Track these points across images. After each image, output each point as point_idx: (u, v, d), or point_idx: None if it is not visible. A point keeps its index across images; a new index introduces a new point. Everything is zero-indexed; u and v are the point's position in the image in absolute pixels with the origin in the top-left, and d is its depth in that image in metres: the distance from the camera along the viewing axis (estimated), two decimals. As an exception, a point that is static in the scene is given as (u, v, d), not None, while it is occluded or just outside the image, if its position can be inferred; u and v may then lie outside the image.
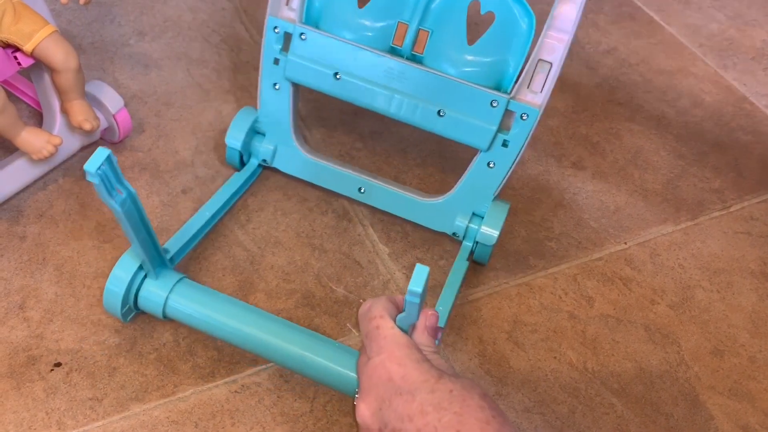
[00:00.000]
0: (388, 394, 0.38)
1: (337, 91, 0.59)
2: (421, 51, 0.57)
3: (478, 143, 0.57)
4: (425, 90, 0.57)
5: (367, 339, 0.41)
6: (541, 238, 0.66)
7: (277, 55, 0.60)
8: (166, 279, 0.51)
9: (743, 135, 0.81)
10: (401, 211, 0.63)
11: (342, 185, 0.64)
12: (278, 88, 0.61)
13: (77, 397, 0.50)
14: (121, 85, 0.74)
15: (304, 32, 0.58)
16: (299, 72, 0.59)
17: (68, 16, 0.81)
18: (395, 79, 0.57)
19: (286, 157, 0.65)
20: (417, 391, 0.37)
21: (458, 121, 0.57)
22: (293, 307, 0.57)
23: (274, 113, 0.63)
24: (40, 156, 0.58)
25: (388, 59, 0.57)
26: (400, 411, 0.37)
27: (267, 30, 0.59)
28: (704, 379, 0.57)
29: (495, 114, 0.56)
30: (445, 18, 0.56)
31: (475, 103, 0.56)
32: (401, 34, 0.57)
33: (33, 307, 0.55)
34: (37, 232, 0.60)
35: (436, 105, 0.57)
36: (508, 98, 0.55)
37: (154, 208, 0.63)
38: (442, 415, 0.36)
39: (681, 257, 0.67)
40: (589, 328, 0.59)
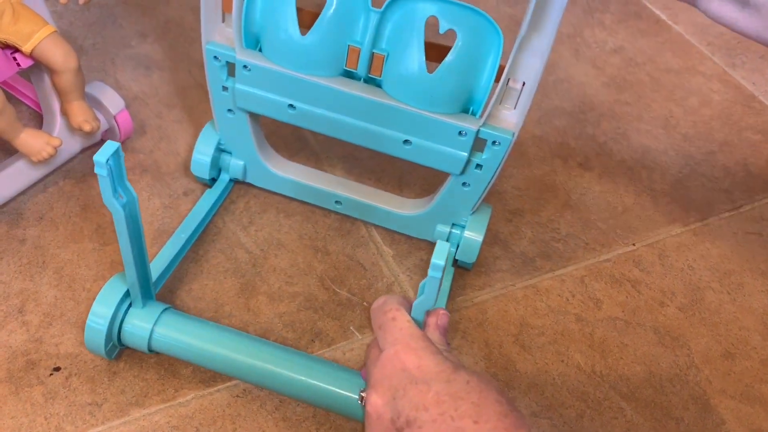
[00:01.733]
0: (402, 383, 0.37)
1: (296, 121, 0.54)
2: (379, 74, 0.50)
3: (449, 170, 0.54)
4: (387, 120, 0.52)
5: (381, 331, 0.40)
6: (548, 239, 0.65)
7: (224, 83, 0.55)
8: (151, 309, 0.49)
9: (752, 134, 0.80)
10: (380, 221, 0.62)
11: (318, 199, 0.62)
12: (233, 113, 0.57)
13: (77, 401, 0.50)
14: (122, 86, 0.73)
15: (247, 64, 0.52)
16: (250, 102, 0.55)
17: (69, 17, 0.81)
18: (355, 110, 0.52)
19: (257, 173, 0.62)
20: (432, 381, 0.36)
21: (427, 149, 0.53)
22: (296, 310, 0.57)
23: (235, 136, 0.59)
24: (39, 158, 0.57)
25: (344, 91, 0.51)
26: (415, 400, 0.36)
27: (207, 58, 0.54)
28: (715, 383, 0.56)
29: (464, 142, 0.51)
30: (401, 39, 0.48)
31: (442, 133, 0.51)
32: (354, 59, 0.50)
33: (32, 310, 0.54)
34: (36, 234, 0.59)
35: (401, 134, 0.52)
36: (477, 128, 0.50)
37: (155, 210, 0.62)
38: (458, 405, 0.35)
39: (690, 258, 0.66)
40: (597, 331, 0.58)
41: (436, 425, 0.35)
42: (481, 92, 0.50)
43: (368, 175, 0.68)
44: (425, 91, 0.49)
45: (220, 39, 0.53)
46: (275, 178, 0.62)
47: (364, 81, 0.52)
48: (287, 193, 0.63)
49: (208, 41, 0.53)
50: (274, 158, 0.62)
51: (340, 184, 0.62)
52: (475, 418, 0.34)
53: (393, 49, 0.49)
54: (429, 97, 0.50)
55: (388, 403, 0.37)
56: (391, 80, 0.50)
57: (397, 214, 0.60)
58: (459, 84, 0.49)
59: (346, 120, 0.53)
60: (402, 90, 0.50)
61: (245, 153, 0.61)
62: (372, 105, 0.51)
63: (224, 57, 0.53)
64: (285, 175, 0.61)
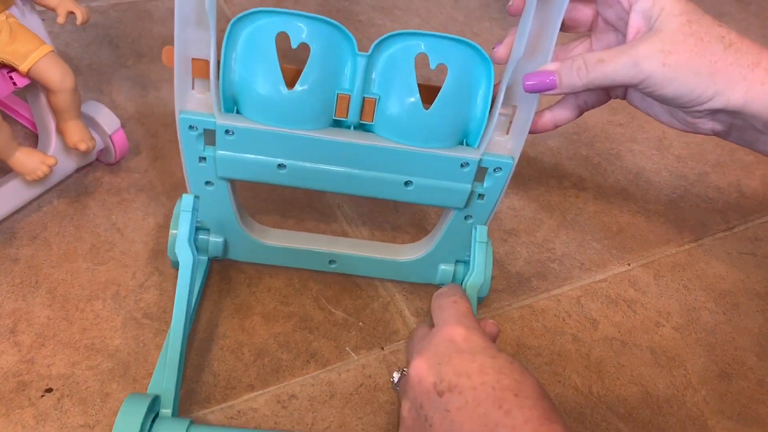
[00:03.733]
0: (449, 351, 0.38)
1: (285, 180, 0.51)
2: (370, 119, 0.48)
3: (453, 204, 0.53)
4: (386, 164, 0.50)
5: (439, 310, 0.43)
6: (544, 259, 0.65)
7: (201, 153, 0.50)
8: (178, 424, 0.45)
9: (744, 155, 0.81)
10: (381, 274, 0.60)
11: (310, 262, 0.59)
12: (211, 185, 0.53)
13: (68, 423, 0.49)
14: (118, 106, 0.73)
15: (230, 128, 0.48)
16: (234, 169, 0.50)
17: (66, 38, 0.81)
18: (350, 159, 0.49)
19: (240, 247, 0.58)
20: (478, 354, 0.38)
21: (428, 188, 0.51)
22: (291, 330, 0.56)
23: (214, 210, 0.55)
24: (34, 177, 0.57)
25: (339, 141, 0.48)
26: (459, 367, 0.37)
27: (180, 128, 0.49)
28: (712, 404, 0.56)
29: (467, 174, 0.50)
30: (392, 79, 0.47)
31: (444, 167, 0.50)
32: (343, 107, 0.47)
33: (24, 330, 0.53)
34: (30, 254, 0.59)
35: (401, 176, 0.50)
36: (479, 157, 0.49)
37: (150, 230, 0.62)
38: (500, 378, 0.36)
39: (685, 278, 0.66)
40: (593, 351, 0.58)
41: (476, 392, 0.36)
42: (476, 122, 0.49)
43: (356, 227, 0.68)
44: (422, 127, 0.48)
45: (192, 106, 0.49)
46: (261, 248, 0.58)
47: (355, 128, 0.50)
48: (275, 263, 0.59)
49: (180, 110, 0.48)
50: (257, 227, 0.59)
51: (332, 243, 0.59)
52: (516, 391, 0.35)
53: (384, 92, 0.47)
54: (426, 133, 0.48)
55: (432, 368, 0.38)
56: (384, 123, 0.48)
57: (398, 262, 0.58)
58: (455, 117, 0.48)
59: (342, 171, 0.50)
60: (397, 130, 0.49)
61: (226, 226, 0.56)
62: (369, 150, 0.49)
63: (201, 125, 0.48)
64: (271, 243, 0.57)
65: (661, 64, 0.42)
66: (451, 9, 0.99)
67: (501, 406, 0.35)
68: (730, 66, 0.43)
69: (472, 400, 0.36)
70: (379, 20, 0.95)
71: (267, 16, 0.45)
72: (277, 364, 0.54)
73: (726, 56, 0.43)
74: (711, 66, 0.42)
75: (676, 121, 0.50)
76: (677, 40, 0.42)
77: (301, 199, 0.67)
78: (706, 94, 0.43)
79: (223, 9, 0.90)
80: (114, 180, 0.66)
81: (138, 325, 0.55)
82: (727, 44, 0.43)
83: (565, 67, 0.45)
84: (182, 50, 0.46)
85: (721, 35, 0.43)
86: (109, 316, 0.55)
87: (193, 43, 0.46)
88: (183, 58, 0.47)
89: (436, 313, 0.43)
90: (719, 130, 0.49)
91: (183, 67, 0.47)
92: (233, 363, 0.53)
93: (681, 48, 0.42)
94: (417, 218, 0.67)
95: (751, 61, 0.43)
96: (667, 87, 0.43)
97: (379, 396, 0.53)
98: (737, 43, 0.43)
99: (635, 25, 0.45)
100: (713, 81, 0.43)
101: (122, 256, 0.59)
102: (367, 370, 0.54)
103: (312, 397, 0.52)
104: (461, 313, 0.42)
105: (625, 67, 0.43)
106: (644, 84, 0.44)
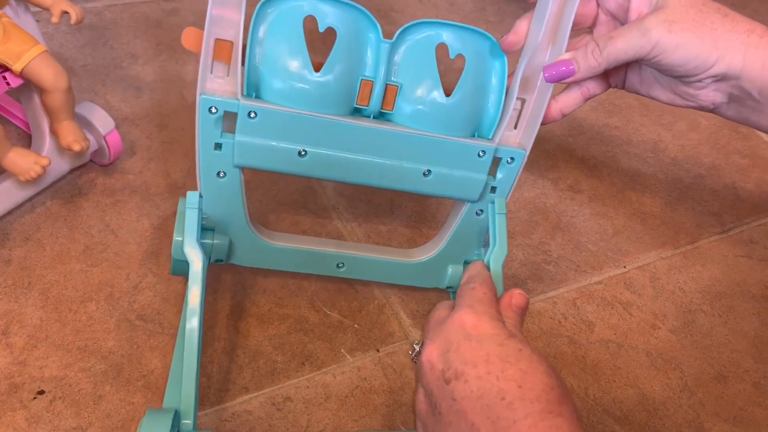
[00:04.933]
0: (457, 338, 0.39)
1: (304, 169, 0.50)
2: (391, 108, 0.49)
3: (468, 196, 0.53)
4: (407, 152, 0.50)
5: (458, 296, 0.44)
6: (539, 261, 0.65)
7: (217, 139, 0.48)
8: None
9: (740, 158, 0.81)
10: (389, 278, 0.58)
11: (318, 266, 0.57)
12: (223, 176, 0.51)
13: (61, 426, 0.48)
14: (112, 107, 0.73)
15: (254, 110, 0.47)
16: (252, 156, 0.49)
17: (60, 38, 0.80)
18: (372, 146, 0.50)
19: (245, 249, 0.55)
20: (485, 341, 0.38)
21: (446, 178, 0.52)
22: (286, 333, 0.56)
23: (222, 205, 0.53)
24: (27, 177, 0.56)
25: (362, 125, 0.49)
26: (465, 355, 0.37)
27: (200, 111, 0.47)
28: (708, 406, 0.56)
29: (483, 164, 0.51)
30: (414, 68, 0.48)
31: (462, 156, 0.51)
32: (366, 94, 0.48)
33: (17, 332, 0.53)
34: (23, 255, 0.58)
35: (421, 165, 0.51)
36: (495, 146, 0.51)
37: (144, 232, 0.61)
38: (506, 368, 0.36)
39: (681, 281, 0.66)
40: (589, 354, 0.58)
41: (481, 382, 0.36)
42: (490, 114, 0.51)
43: (352, 229, 0.68)
44: (442, 115, 0.49)
45: (212, 88, 0.48)
46: (266, 250, 0.55)
47: (374, 118, 0.50)
48: (280, 267, 0.57)
49: (201, 92, 0.47)
50: (263, 230, 0.56)
51: (340, 246, 0.57)
52: (520, 382, 0.35)
53: (406, 80, 0.48)
54: (445, 122, 0.50)
55: (442, 355, 0.38)
56: (404, 112, 0.49)
57: (408, 264, 0.57)
58: (472, 105, 0.50)
59: (362, 159, 0.50)
60: (417, 119, 0.49)
61: (233, 225, 0.54)
62: (390, 137, 0.49)
63: (222, 106, 0.47)
64: (280, 244, 0.55)
65: (668, 31, 0.46)
66: (447, 12, 0.99)
67: (504, 398, 0.35)
68: (728, 32, 0.47)
69: (477, 390, 0.36)
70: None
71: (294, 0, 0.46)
72: (271, 366, 0.53)
73: (724, 23, 0.47)
74: (712, 32, 0.46)
75: (677, 98, 0.52)
76: (680, 12, 0.46)
77: (297, 200, 0.67)
78: (710, 58, 0.47)
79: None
80: (108, 181, 0.65)
81: (132, 327, 0.54)
82: (723, 14, 0.47)
83: (579, 53, 0.48)
84: (209, 31, 0.46)
85: (717, 7, 0.48)
86: (102, 318, 0.55)
87: (218, 23, 0.46)
88: (211, 39, 0.47)
89: (457, 300, 0.44)
90: (719, 102, 0.51)
91: (210, 48, 0.47)
92: (227, 365, 0.53)
93: (684, 17, 0.46)
94: (412, 220, 0.67)
95: (746, 27, 0.47)
96: (674, 53, 0.46)
97: (374, 398, 0.52)
98: (732, 14, 0.48)
99: (637, 9, 0.49)
100: (715, 46, 0.46)
101: (116, 258, 0.59)
102: (362, 372, 0.54)
103: (307, 400, 0.52)
104: (476, 299, 0.42)
105: (634, 38, 0.47)
106: (653, 52, 0.47)
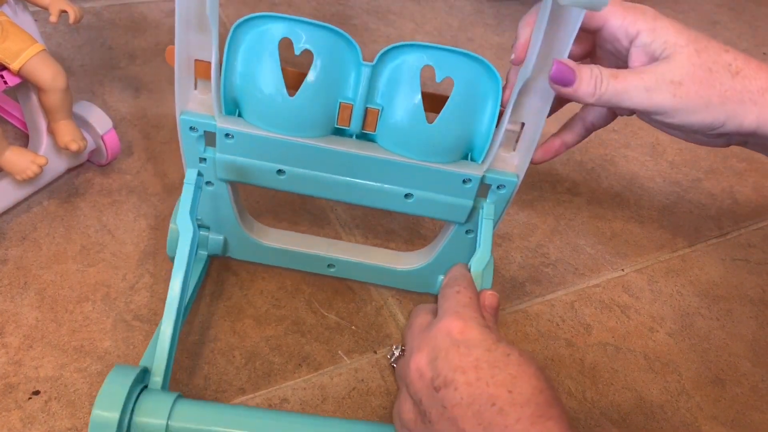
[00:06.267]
0: (445, 345, 0.38)
1: (286, 186, 0.50)
2: (373, 129, 0.47)
3: (455, 219, 0.52)
4: (386, 176, 0.49)
5: (442, 300, 0.43)
6: (537, 264, 0.65)
7: (201, 154, 0.50)
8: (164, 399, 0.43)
9: (737, 162, 0.81)
10: (379, 281, 0.59)
11: (310, 264, 0.58)
12: (212, 185, 0.52)
13: (56, 426, 0.48)
14: (110, 107, 0.73)
15: (230, 132, 0.47)
16: (233, 172, 0.50)
17: (58, 38, 0.80)
18: (351, 168, 0.49)
19: (240, 246, 0.57)
20: (474, 347, 0.37)
21: (429, 202, 0.50)
22: (283, 334, 0.56)
23: (213, 211, 0.54)
24: (24, 176, 0.56)
25: (338, 150, 0.47)
26: (454, 362, 0.37)
27: (181, 129, 0.48)
28: (706, 410, 0.56)
29: (469, 190, 0.49)
30: (396, 92, 0.45)
31: (446, 183, 0.49)
32: (345, 116, 0.46)
33: (12, 332, 0.53)
34: (19, 255, 0.58)
35: (401, 189, 0.50)
36: (482, 174, 0.48)
37: (141, 232, 0.61)
38: (495, 373, 0.36)
39: (679, 284, 0.66)
40: (587, 357, 0.58)
41: (471, 389, 0.36)
42: (482, 137, 0.48)
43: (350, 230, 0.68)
44: (425, 142, 0.47)
45: (193, 107, 0.48)
46: (260, 249, 0.57)
47: (357, 137, 0.48)
48: (274, 263, 0.59)
49: (181, 111, 0.48)
50: (258, 228, 0.58)
51: (331, 246, 0.58)
52: (510, 387, 0.35)
53: (388, 103, 0.46)
54: (429, 148, 0.47)
55: (430, 363, 0.38)
56: (387, 134, 0.47)
57: (397, 271, 0.58)
58: (460, 132, 0.47)
59: (341, 180, 0.49)
60: (399, 143, 0.47)
61: (226, 226, 0.56)
62: (369, 161, 0.48)
63: (202, 126, 0.48)
64: (271, 244, 0.57)
65: (672, 96, 0.43)
66: (446, 14, 0.99)
67: (494, 403, 0.35)
68: (739, 93, 0.43)
69: (467, 397, 0.36)
70: (373, 24, 0.94)
71: (270, 21, 0.44)
72: (268, 367, 0.53)
73: (734, 84, 0.43)
74: (721, 95, 0.43)
75: (688, 137, 0.50)
76: (686, 70, 0.43)
77: (295, 201, 0.67)
78: (717, 120, 0.44)
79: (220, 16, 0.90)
80: (105, 181, 0.65)
81: (128, 327, 0.54)
82: (734, 72, 0.44)
83: (584, 71, 0.43)
84: (184, 52, 0.45)
85: (728, 63, 0.44)
86: (98, 318, 0.54)
87: (195, 45, 0.45)
88: (185, 59, 0.46)
89: (440, 303, 0.43)
90: (735, 143, 0.50)
91: (184, 68, 0.46)
92: (224, 366, 0.53)
93: (691, 78, 0.43)
94: (410, 222, 0.67)
95: (760, 86, 0.44)
96: (676, 117, 0.44)
97: (371, 400, 0.52)
98: (744, 69, 0.44)
99: (637, 60, 0.45)
100: (724, 109, 0.44)
101: (113, 258, 0.59)
102: (359, 374, 0.54)
103: (304, 401, 0.52)
104: (461, 304, 0.41)
105: (636, 89, 0.43)
106: (654, 113, 0.44)
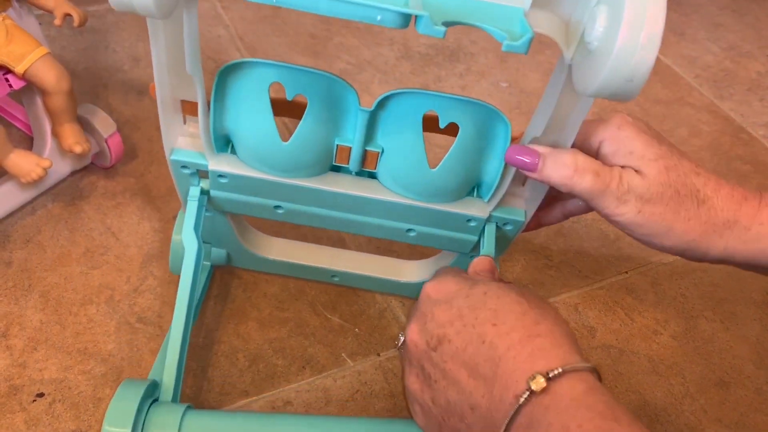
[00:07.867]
0: (429, 308, 0.39)
1: (284, 218, 0.49)
2: (373, 168, 0.45)
3: (458, 250, 0.51)
4: (386, 213, 0.47)
5: None
6: (541, 266, 0.65)
7: (195, 188, 0.48)
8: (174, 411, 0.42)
9: (741, 165, 0.81)
10: (382, 289, 0.59)
11: (313, 274, 0.58)
12: (209, 212, 0.51)
13: (60, 429, 0.48)
14: (114, 110, 0.73)
15: (223, 174, 0.45)
16: (229, 206, 0.49)
17: (62, 42, 0.81)
18: (349, 206, 0.47)
19: (243, 258, 0.57)
20: (453, 300, 0.39)
21: (432, 236, 0.49)
22: (286, 336, 0.56)
23: (213, 231, 0.53)
24: (28, 179, 0.56)
25: (336, 191, 0.45)
26: (441, 319, 0.38)
27: (173, 168, 0.46)
28: (710, 412, 0.56)
29: (473, 228, 0.48)
30: (397, 135, 0.42)
31: (449, 222, 0.47)
32: (344, 156, 0.44)
33: (16, 334, 0.53)
34: (23, 257, 0.58)
35: (402, 225, 0.48)
36: (487, 215, 0.46)
37: (145, 234, 0.61)
38: (477, 314, 0.37)
39: (683, 286, 0.65)
40: (591, 359, 0.58)
41: (461, 336, 0.37)
42: (490, 176, 0.45)
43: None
44: (427, 185, 0.44)
45: (184, 143, 0.45)
46: (263, 260, 0.57)
47: (356, 173, 0.46)
48: (278, 272, 0.59)
49: (171, 149, 0.45)
50: (260, 241, 0.57)
51: (334, 257, 0.57)
52: (494, 321, 0.36)
53: (389, 145, 0.43)
54: (432, 190, 0.45)
55: (421, 330, 0.39)
56: (388, 174, 0.45)
57: (399, 283, 0.58)
58: (464, 176, 0.44)
59: (339, 216, 0.48)
60: (401, 184, 0.45)
61: (227, 243, 0.56)
62: (368, 201, 0.46)
63: (194, 166, 0.46)
64: (274, 258, 0.57)
65: (637, 211, 0.41)
66: (449, 17, 0.99)
67: (484, 341, 0.36)
68: (704, 225, 0.41)
69: (461, 345, 0.36)
70: (355, 40, 0.95)
71: (259, 67, 0.40)
72: (272, 370, 0.53)
73: (699, 213, 0.41)
74: (684, 224, 0.41)
75: None
76: (655, 188, 0.40)
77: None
78: (676, 248, 0.42)
79: (221, 16, 0.90)
80: (109, 184, 0.65)
81: (132, 330, 0.54)
82: (701, 200, 0.41)
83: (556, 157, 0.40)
84: (167, 94, 0.42)
85: (697, 188, 0.41)
86: (102, 321, 0.54)
87: (179, 87, 0.42)
88: (169, 99, 0.42)
89: None
90: None
91: (170, 107, 0.43)
92: (228, 368, 0.53)
93: (659, 198, 0.40)
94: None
95: (726, 218, 0.41)
96: (636, 232, 0.42)
97: (375, 402, 0.52)
98: (713, 198, 0.41)
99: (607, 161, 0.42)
100: (685, 239, 0.41)
101: (117, 261, 0.59)
102: (362, 376, 0.54)
103: (307, 404, 0.52)
104: (439, 273, 0.42)
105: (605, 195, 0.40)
106: (615, 221, 0.42)
